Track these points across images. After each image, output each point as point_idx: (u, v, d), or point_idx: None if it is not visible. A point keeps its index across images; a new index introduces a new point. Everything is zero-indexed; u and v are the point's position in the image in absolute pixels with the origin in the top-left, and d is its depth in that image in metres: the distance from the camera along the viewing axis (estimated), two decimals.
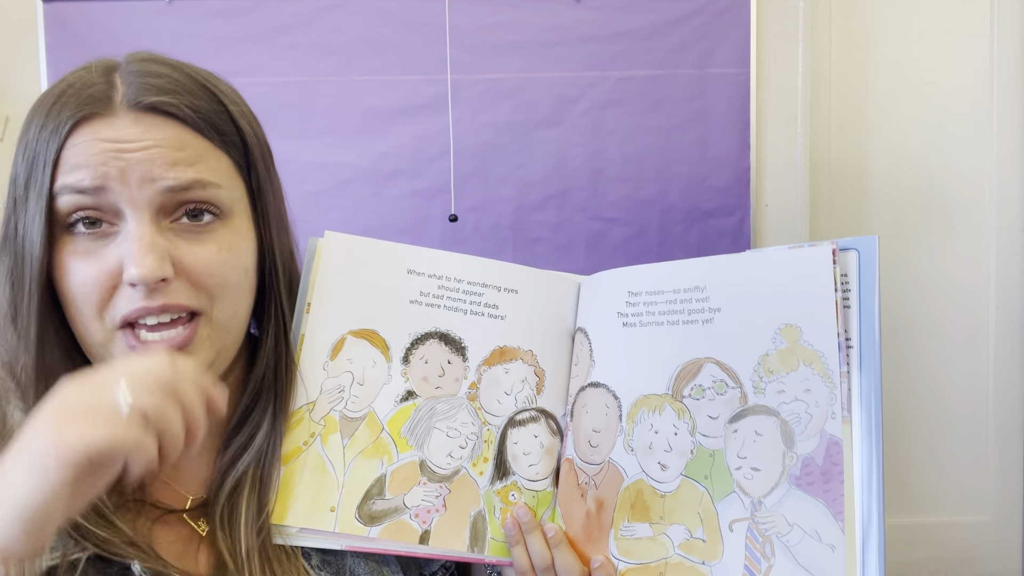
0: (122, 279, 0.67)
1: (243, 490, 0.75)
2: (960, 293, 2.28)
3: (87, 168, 0.66)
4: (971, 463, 2.29)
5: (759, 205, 2.19)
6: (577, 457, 0.82)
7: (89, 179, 0.66)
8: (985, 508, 2.30)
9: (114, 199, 0.67)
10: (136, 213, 0.67)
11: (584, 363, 0.85)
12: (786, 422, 0.71)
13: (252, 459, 0.77)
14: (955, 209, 2.28)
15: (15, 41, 2.11)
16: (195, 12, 2.08)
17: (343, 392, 0.82)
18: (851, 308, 0.71)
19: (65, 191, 0.67)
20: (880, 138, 2.28)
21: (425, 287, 0.85)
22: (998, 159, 2.26)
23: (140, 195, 0.67)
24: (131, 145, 0.67)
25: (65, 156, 0.67)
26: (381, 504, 0.79)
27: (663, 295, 0.81)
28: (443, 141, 2.13)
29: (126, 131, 0.68)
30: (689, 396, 0.76)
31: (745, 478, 0.72)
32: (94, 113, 0.68)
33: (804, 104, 2.17)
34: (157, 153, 0.68)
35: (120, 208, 0.68)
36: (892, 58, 2.28)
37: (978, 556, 2.28)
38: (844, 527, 0.67)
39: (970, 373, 2.29)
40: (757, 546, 0.70)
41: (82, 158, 0.67)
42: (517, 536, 0.80)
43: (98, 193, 0.67)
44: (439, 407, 0.83)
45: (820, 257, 0.72)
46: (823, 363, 0.70)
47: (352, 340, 0.83)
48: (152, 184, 0.68)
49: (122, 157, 0.67)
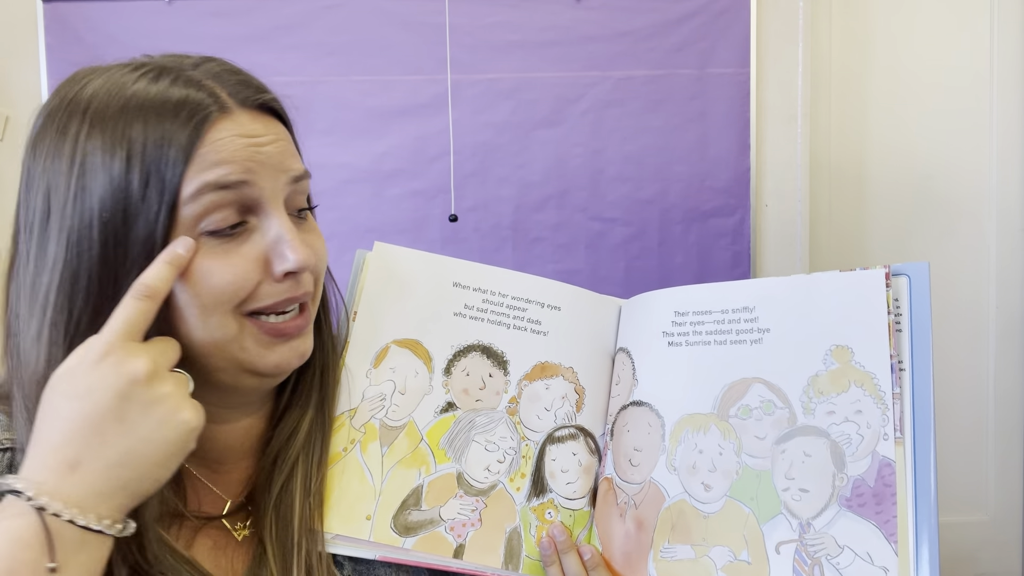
0: (268, 272, 0.68)
1: (294, 492, 0.75)
2: (960, 293, 2.29)
3: (231, 163, 0.66)
4: (971, 463, 2.31)
5: (759, 205, 2.19)
6: (617, 476, 0.81)
7: (236, 174, 0.66)
8: (985, 508, 2.31)
9: (256, 193, 0.67)
10: (275, 206, 0.69)
11: (626, 382, 0.84)
12: (836, 443, 0.70)
13: (296, 457, 0.76)
14: (955, 209, 2.29)
15: (15, 41, 2.09)
16: (195, 12, 2.06)
17: (384, 400, 0.82)
18: (902, 332, 0.71)
19: (207, 190, 0.64)
20: (880, 138, 2.29)
21: (470, 300, 0.85)
22: (998, 159, 2.27)
23: (276, 187, 0.69)
24: (262, 139, 0.69)
25: (201, 155, 0.64)
26: (417, 515, 0.79)
27: (711, 315, 0.80)
28: (443, 141, 2.12)
29: (251, 127, 0.68)
30: (736, 416, 0.75)
31: (793, 499, 0.71)
32: (222, 113, 0.67)
33: (804, 104, 2.17)
34: (281, 146, 0.70)
35: (260, 202, 0.68)
36: (892, 58, 2.28)
37: (978, 556, 2.30)
38: (897, 549, 0.66)
39: (970, 373, 2.30)
40: (806, 568, 0.69)
41: (225, 154, 0.65)
42: (552, 556, 0.79)
43: (240, 188, 0.66)
44: (479, 420, 0.83)
45: (873, 280, 0.72)
46: (875, 384, 0.69)
47: (395, 349, 0.83)
48: (284, 175, 0.70)
49: (260, 151, 0.68)
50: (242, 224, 0.68)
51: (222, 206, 0.65)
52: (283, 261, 0.68)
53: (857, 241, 2.30)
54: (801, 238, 2.19)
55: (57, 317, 0.64)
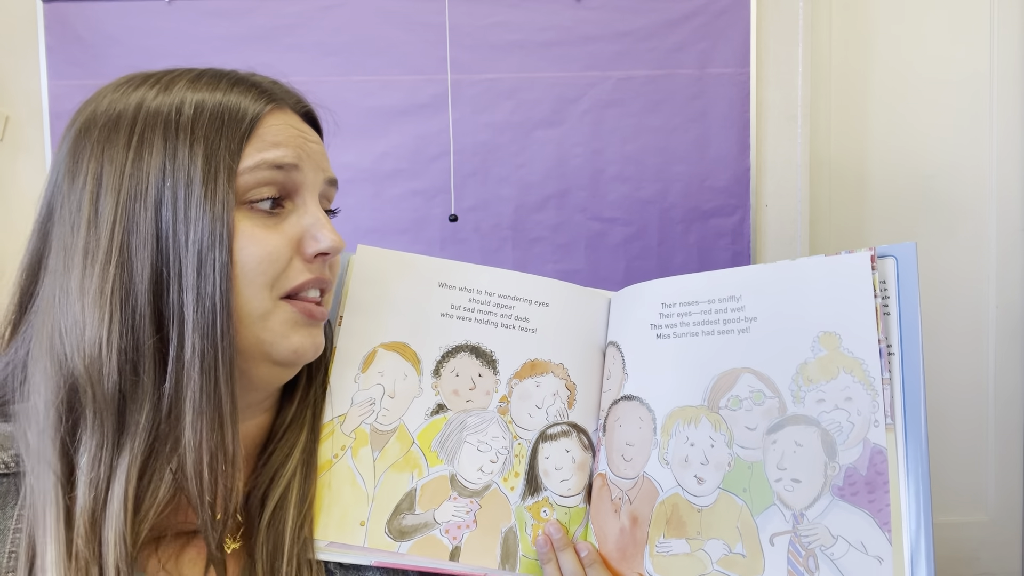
0: (300, 252, 0.72)
1: (288, 504, 0.74)
2: (960, 293, 2.29)
3: (288, 147, 0.71)
4: (971, 463, 2.30)
5: (759, 205, 2.19)
6: (610, 472, 0.81)
7: (290, 156, 0.71)
8: (985, 508, 2.30)
9: (300, 179, 0.73)
10: (312, 195, 0.74)
11: (617, 376, 0.83)
12: (827, 431, 0.69)
13: (293, 471, 0.76)
14: (955, 209, 2.28)
15: (15, 41, 2.09)
16: (195, 12, 2.07)
17: (374, 405, 0.81)
18: (891, 315, 0.70)
19: (263, 167, 0.70)
20: (880, 138, 2.29)
21: (456, 300, 0.85)
22: (998, 159, 2.26)
23: (316, 180, 0.74)
24: (310, 136, 0.75)
25: (260, 134, 0.70)
26: (411, 519, 0.78)
27: (697, 306, 0.79)
28: (443, 141, 2.12)
29: (300, 125, 0.75)
30: (726, 407, 0.75)
31: (786, 490, 0.70)
32: (276, 106, 0.73)
33: (804, 104, 2.17)
34: (322, 149, 0.77)
35: (301, 189, 0.73)
36: (892, 58, 2.28)
37: (978, 556, 2.29)
38: (891, 538, 0.65)
39: (970, 373, 2.29)
40: (800, 560, 0.68)
41: (282, 137, 0.72)
42: (549, 554, 0.79)
43: (291, 171, 0.72)
44: (470, 421, 0.82)
45: (859, 263, 0.70)
46: (864, 370, 0.69)
47: (383, 353, 0.83)
48: (323, 173, 0.76)
49: (308, 145, 0.74)
50: (279, 206, 0.72)
51: (271, 184, 0.70)
52: (316, 242, 0.72)
53: (857, 241, 2.29)
54: (801, 238, 2.19)
55: (117, 280, 0.65)
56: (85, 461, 0.64)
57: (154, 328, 0.65)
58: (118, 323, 0.64)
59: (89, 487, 0.64)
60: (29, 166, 2.12)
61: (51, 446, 0.64)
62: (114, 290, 0.64)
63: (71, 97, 2.05)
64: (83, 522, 0.63)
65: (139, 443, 0.65)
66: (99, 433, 0.64)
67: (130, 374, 0.64)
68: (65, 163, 0.69)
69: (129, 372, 0.64)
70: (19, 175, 2.12)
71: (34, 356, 0.67)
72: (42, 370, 0.66)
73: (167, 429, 0.65)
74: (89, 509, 0.63)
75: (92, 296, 0.64)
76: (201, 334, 0.65)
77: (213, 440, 0.66)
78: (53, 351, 0.65)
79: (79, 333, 0.64)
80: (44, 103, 2.07)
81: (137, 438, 0.65)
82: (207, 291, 0.65)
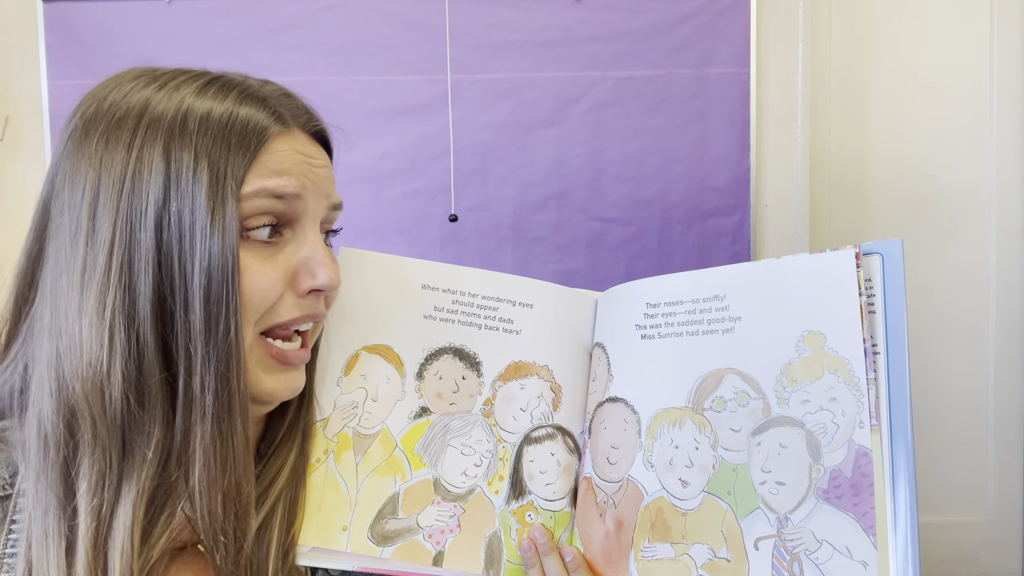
0: (293, 286, 0.69)
1: (275, 514, 0.73)
2: (960, 293, 2.28)
3: (291, 176, 0.67)
4: (971, 463, 2.29)
5: (759, 205, 2.18)
6: (595, 475, 0.80)
7: (292, 186, 0.67)
8: (985, 508, 2.30)
9: (302, 208, 0.69)
10: (312, 225, 0.70)
11: (602, 378, 0.82)
12: (812, 433, 0.68)
13: (281, 491, 0.74)
14: (955, 209, 2.28)
15: (15, 41, 2.10)
16: (195, 12, 2.07)
17: (356, 408, 0.80)
18: (876, 313, 0.68)
19: (263, 194, 0.66)
20: (880, 138, 2.28)
21: (439, 302, 0.83)
22: (998, 159, 2.25)
23: (318, 208, 0.71)
24: (316, 161, 0.71)
25: (264, 161, 0.66)
26: (394, 524, 0.77)
27: (682, 305, 0.78)
28: (443, 141, 2.12)
29: (307, 148, 0.71)
30: (710, 408, 0.74)
31: (770, 493, 0.69)
32: (284, 128, 0.69)
33: (804, 104, 2.17)
34: (328, 172, 0.73)
35: (301, 218, 0.69)
36: (892, 58, 2.27)
37: (978, 556, 2.28)
38: (876, 542, 0.64)
39: (970, 373, 2.29)
40: (784, 564, 0.67)
41: (286, 165, 0.67)
42: (534, 558, 0.78)
43: (292, 201, 0.68)
44: (453, 424, 0.81)
45: (843, 261, 0.69)
46: (849, 370, 0.67)
47: (366, 356, 0.82)
48: (327, 200, 0.72)
49: (313, 171, 0.70)
50: (277, 233, 0.68)
51: (269, 212, 0.67)
52: (312, 278, 0.69)
53: (857, 240, 2.28)
54: (801, 238, 2.18)
55: (118, 302, 0.61)
56: (85, 487, 0.62)
57: (160, 357, 0.62)
58: (120, 349, 0.61)
59: (91, 515, 0.61)
60: (29, 166, 2.13)
61: (52, 469, 0.62)
62: (114, 312, 0.61)
63: (71, 97, 2.03)
64: (85, 550, 0.61)
65: (147, 476, 0.62)
66: (101, 461, 0.62)
67: (135, 404, 0.62)
68: (63, 166, 0.66)
69: (134, 401, 0.61)
70: (19, 175, 2.13)
71: (32, 373, 0.64)
72: (39, 387, 0.63)
73: (177, 465, 0.63)
74: (91, 537, 0.61)
75: (90, 317, 0.61)
76: (215, 374, 0.63)
77: (227, 481, 0.64)
78: (51, 370, 0.62)
79: (77, 355, 0.61)
80: (44, 103, 2.08)
81: (144, 470, 0.62)
82: (218, 329, 0.62)
